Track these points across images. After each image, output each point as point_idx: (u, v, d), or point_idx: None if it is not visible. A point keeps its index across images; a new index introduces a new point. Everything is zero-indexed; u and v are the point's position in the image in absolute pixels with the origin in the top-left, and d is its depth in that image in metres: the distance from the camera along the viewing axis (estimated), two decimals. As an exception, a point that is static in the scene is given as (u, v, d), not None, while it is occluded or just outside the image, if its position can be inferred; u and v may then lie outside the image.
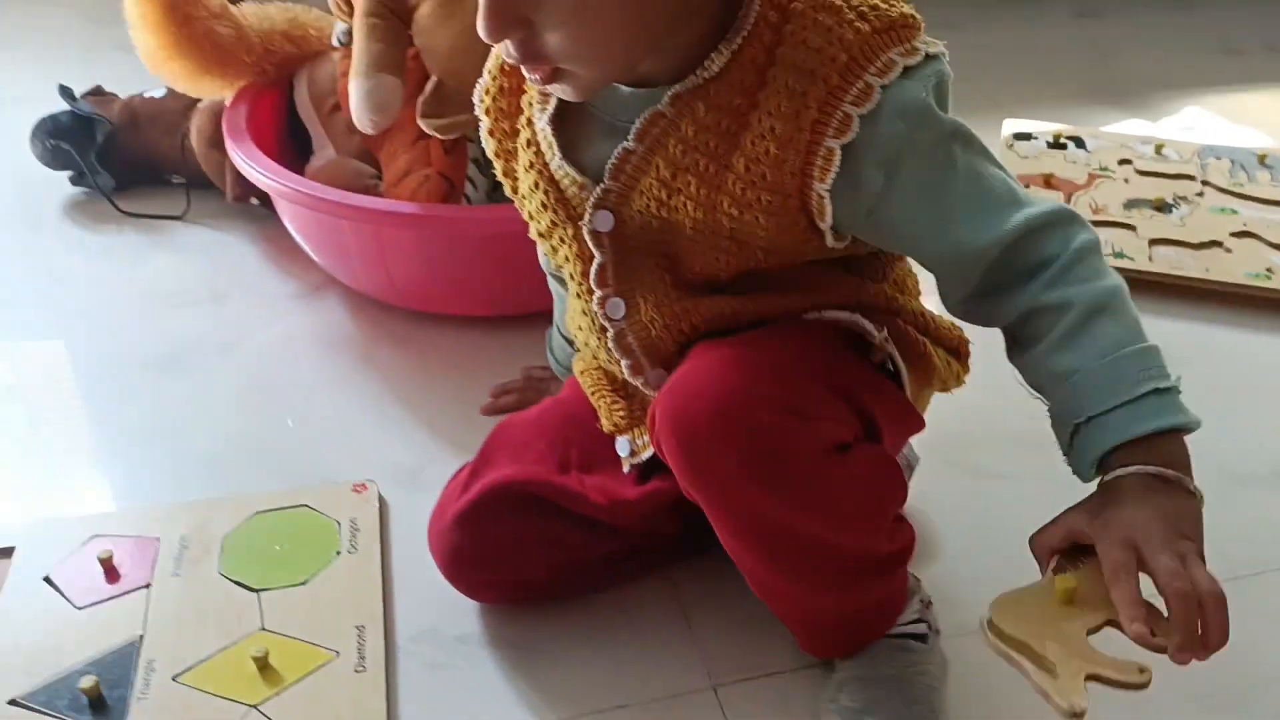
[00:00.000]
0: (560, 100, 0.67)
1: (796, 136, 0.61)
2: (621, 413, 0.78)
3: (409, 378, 1.11)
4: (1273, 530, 0.95)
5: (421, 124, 1.06)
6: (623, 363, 0.72)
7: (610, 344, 0.71)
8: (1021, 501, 0.75)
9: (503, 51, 0.62)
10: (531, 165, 0.69)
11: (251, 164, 1.12)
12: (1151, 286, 1.24)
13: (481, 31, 0.59)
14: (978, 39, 1.88)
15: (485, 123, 0.73)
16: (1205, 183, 1.41)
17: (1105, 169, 1.44)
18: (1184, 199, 1.38)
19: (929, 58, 0.62)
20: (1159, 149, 1.48)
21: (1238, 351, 1.17)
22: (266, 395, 1.09)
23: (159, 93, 1.38)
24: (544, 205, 0.69)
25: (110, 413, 1.07)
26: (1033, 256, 0.63)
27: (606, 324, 0.70)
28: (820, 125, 0.60)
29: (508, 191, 0.76)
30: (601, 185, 0.66)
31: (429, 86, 1.07)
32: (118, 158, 1.37)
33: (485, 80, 0.72)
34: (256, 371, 1.12)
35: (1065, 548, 0.61)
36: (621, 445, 0.78)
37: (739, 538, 0.69)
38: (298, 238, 1.19)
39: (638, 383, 0.73)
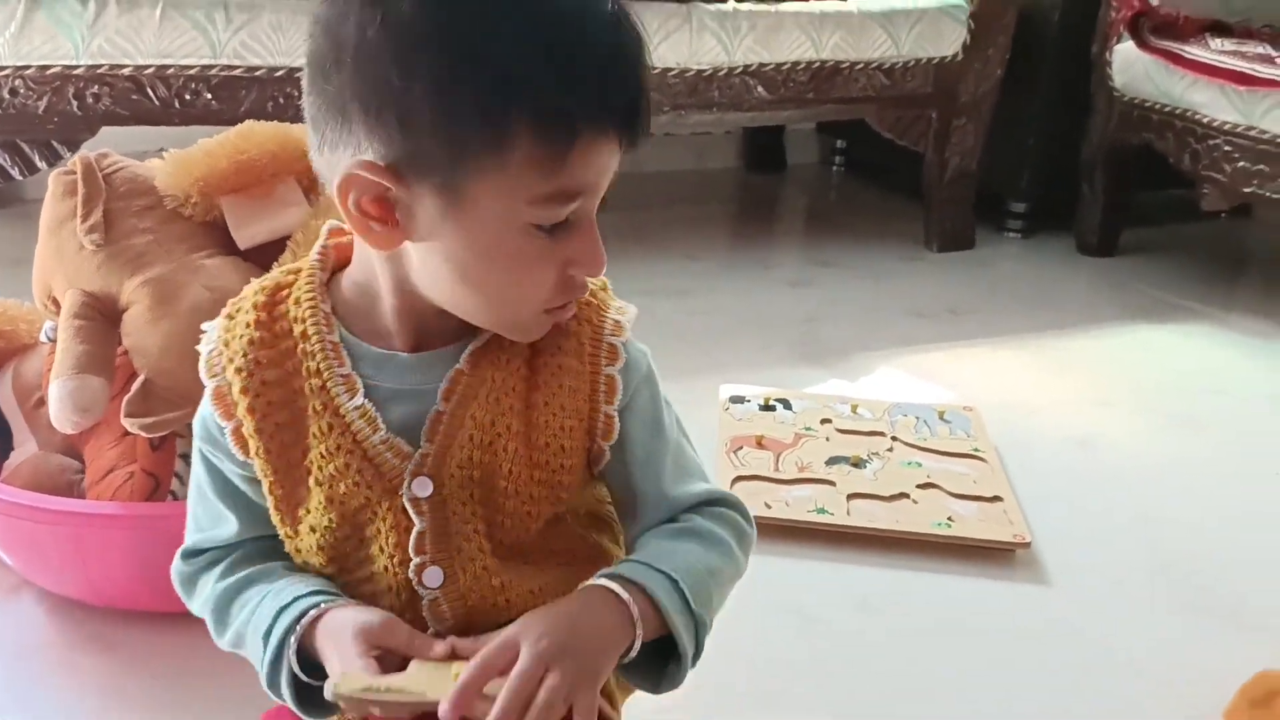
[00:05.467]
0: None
1: (579, 368, 0.70)
2: None
3: (112, 683, 1.05)
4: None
5: (126, 424, 1.05)
6: (430, 630, 0.71)
7: (424, 612, 0.70)
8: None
9: (555, 295, 0.67)
10: (340, 448, 0.68)
11: (-63, 469, 1.07)
12: (851, 538, 1.35)
13: (601, 268, 0.67)
14: (704, 304, 2.06)
15: (248, 424, 0.68)
16: (895, 438, 1.57)
17: (809, 429, 1.58)
18: (876, 454, 1.52)
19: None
20: (855, 408, 1.65)
21: (929, 596, 1.27)
22: (-60, 719, 1.00)
23: None
24: (357, 484, 0.68)
25: None
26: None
27: (422, 591, 0.69)
28: (594, 357, 0.71)
29: (268, 486, 0.70)
30: (419, 450, 0.68)
31: (136, 385, 1.06)
32: None
33: (236, 383, 0.68)
34: (-68, 691, 1.03)
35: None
36: None
37: None
38: (-11, 541, 1.13)
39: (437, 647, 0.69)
